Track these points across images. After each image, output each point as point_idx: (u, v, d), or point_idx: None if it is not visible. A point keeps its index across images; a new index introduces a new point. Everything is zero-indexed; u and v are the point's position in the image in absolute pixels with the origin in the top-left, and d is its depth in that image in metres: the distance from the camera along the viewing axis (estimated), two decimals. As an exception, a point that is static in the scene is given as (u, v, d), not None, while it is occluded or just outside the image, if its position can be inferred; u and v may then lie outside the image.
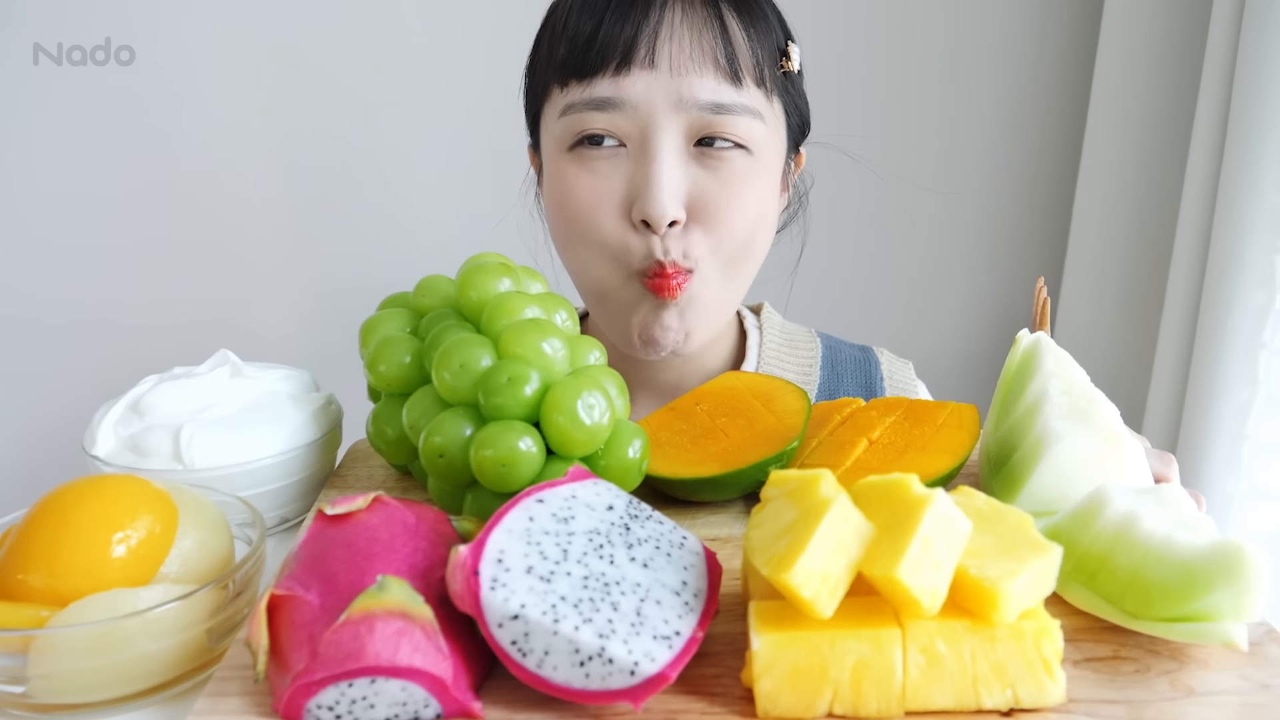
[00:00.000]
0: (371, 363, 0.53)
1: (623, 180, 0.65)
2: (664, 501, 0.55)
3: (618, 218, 0.65)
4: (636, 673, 0.34)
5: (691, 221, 0.65)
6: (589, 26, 0.64)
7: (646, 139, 0.64)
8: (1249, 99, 0.97)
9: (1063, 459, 0.47)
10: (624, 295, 0.68)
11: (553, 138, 0.68)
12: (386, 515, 0.40)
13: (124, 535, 0.42)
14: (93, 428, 0.56)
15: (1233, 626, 0.36)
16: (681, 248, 0.65)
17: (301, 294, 1.40)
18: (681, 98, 0.63)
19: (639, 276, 0.67)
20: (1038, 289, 0.59)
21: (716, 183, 0.65)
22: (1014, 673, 0.35)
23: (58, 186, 1.30)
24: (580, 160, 0.66)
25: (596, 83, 0.64)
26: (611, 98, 0.64)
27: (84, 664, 0.39)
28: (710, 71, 0.63)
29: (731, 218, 0.66)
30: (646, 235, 0.65)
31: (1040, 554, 0.36)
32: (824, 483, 0.37)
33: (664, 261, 0.65)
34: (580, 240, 0.67)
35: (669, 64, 0.63)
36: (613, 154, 0.65)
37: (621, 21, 0.63)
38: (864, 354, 0.86)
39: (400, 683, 0.34)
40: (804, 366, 0.82)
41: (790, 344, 0.83)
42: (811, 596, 0.34)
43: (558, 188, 0.68)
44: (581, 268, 0.69)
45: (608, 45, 0.63)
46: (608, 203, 0.65)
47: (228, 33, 1.28)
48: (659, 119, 0.64)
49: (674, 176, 0.64)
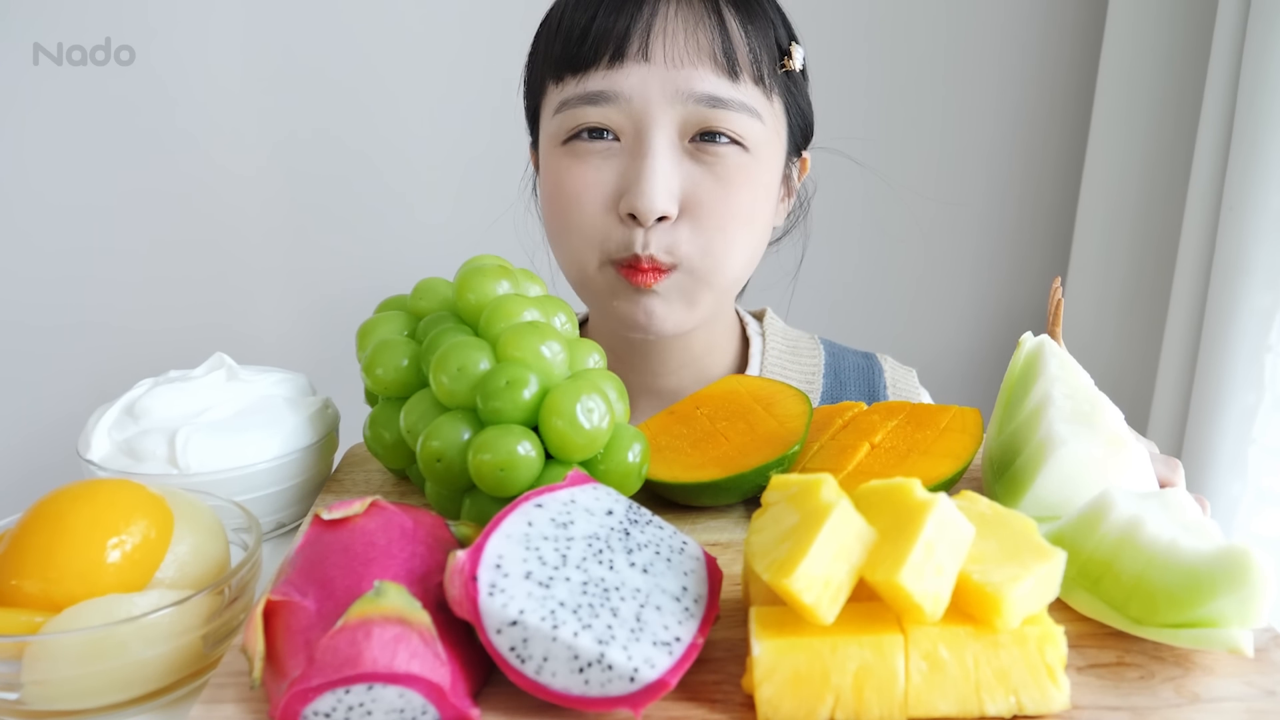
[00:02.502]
0: (369, 366, 0.52)
1: (614, 173, 0.65)
2: (664, 506, 0.54)
3: (602, 208, 0.66)
4: (636, 679, 0.34)
5: (682, 217, 0.65)
6: (583, 20, 0.64)
7: (640, 132, 0.64)
8: (1254, 101, 0.97)
9: (1067, 463, 0.47)
10: (601, 281, 0.68)
11: (548, 133, 0.68)
12: (384, 520, 0.40)
13: (119, 540, 0.42)
14: (87, 432, 0.56)
15: (1238, 632, 0.36)
16: (666, 243, 0.65)
17: (298, 296, 1.40)
18: (677, 90, 0.63)
19: (613, 265, 0.67)
20: (1053, 289, 0.59)
21: (711, 179, 0.65)
22: (1017, 679, 0.34)
23: (56, 187, 1.30)
24: (574, 154, 0.66)
25: (590, 76, 0.64)
26: (605, 90, 0.64)
27: (78, 670, 0.38)
28: (707, 65, 0.63)
29: (724, 216, 0.65)
30: (630, 227, 0.65)
31: (1044, 559, 0.35)
32: (825, 487, 0.37)
33: (641, 255, 0.65)
34: (564, 228, 0.68)
35: (663, 56, 0.63)
36: (606, 148, 0.65)
37: (615, 15, 0.63)
38: (867, 361, 0.85)
39: (398, 689, 0.34)
40: (807, 374, 0.82)
41: (793, 351, 0.83)
42: (813, 602, 0.33)
43: (551, 181, 0.68)
44: (564, 255, 0.70)
45: (601, 38, 0.63)
46: (594, 192, 0.66)
47: (226, 34, 1.28)
48: (653, 112, 0.64)
49: (667, 171, 0.64)
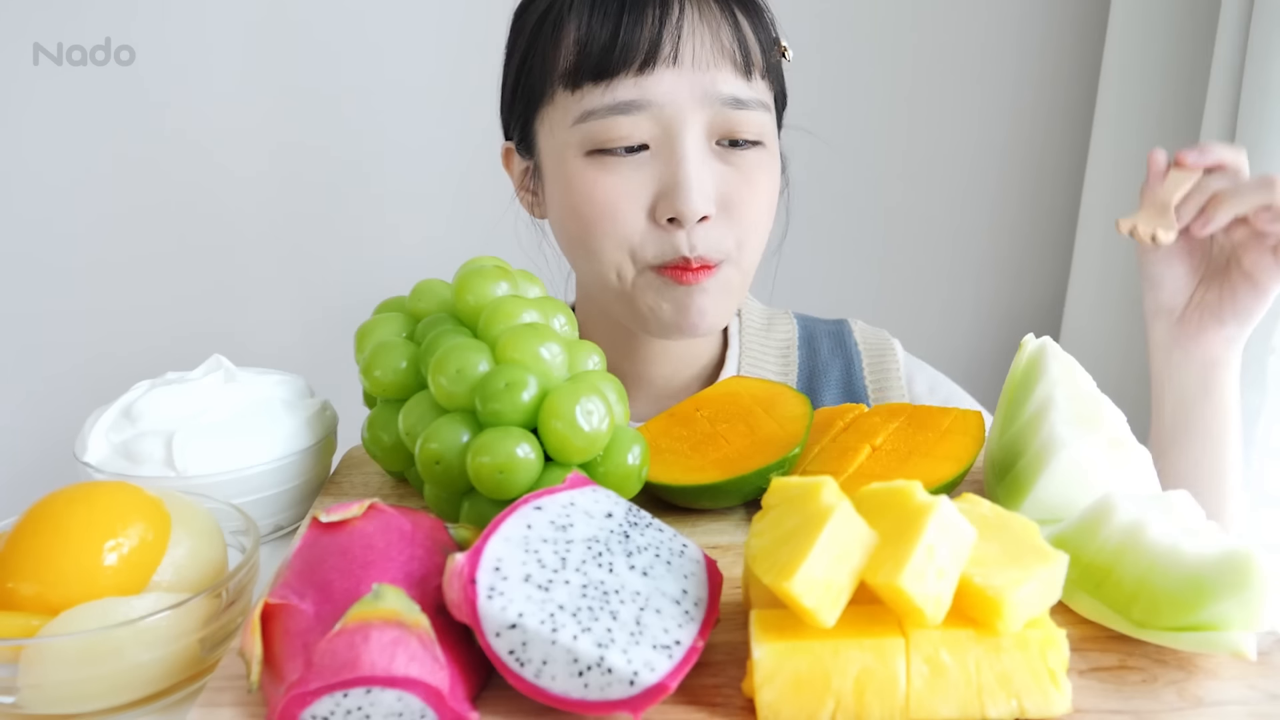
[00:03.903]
0: (367, 368, 0.52)
1: (647, 180, 0.65)
2: (664, 509, 0.54)
3: (640, 215, 0.65)
4: (636, 683, 0.33)
5: (718, 214, 0.66)
6: (606, 29, 0.63)
7: (672, 137, 0.64)
8: (1257, 102, 0.97)
9: (1068, 466, 0.47)
10: (642, 285, 0.68)
11: (564, 143, 0.66)
12: (382, 523, 0.40)
13: (116, 543, 0.42)
14: (84, 434, 0.56)
15: (1241, 636, 0.36)
16: (711, 241, 0.66)
17: (296, 298, 1.39)
18: (705, 92, 0.64)
19: (654, 269, 0.67)
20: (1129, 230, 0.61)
21: (739, 177, 0.66)
22: (1019, 683, 0.34)
23: (55, 187, 1.30)
24: (602, 165, 0.65)
25: (618, 85, 0.63)
26: (636, 100, 0.63)
27: (75, 674, 0.38)
28: (728, 66, 0.64)
29: (755, 210, 0.67)
30: (669, 232, 0.65)
31: (1046, 562, 0.35)
32: (826, 490, 0.37)
33: (690, 257, 0.65)
34: (595, 239, 0.67)
35: (692, 59, 0.63)
36: (635, 155, 0.65)
37: (640, 21, 0.62)
38: (838, 326, 0.87)
39: (396, 693, 0.34)
40: (782, 347, 0.84)
41: (768, 327, 0.85)
42: (814, 605, 0.33)
43: (576, 191, 0.66)
44: (594, 266, 0.69)
45: (630, 46, 0.62)
46: (628, 201, 0.65)
47: (227, 35, 1.28)
48: (684, 116, 0.64)
49: (702, 174, 0.64)
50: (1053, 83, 1.32)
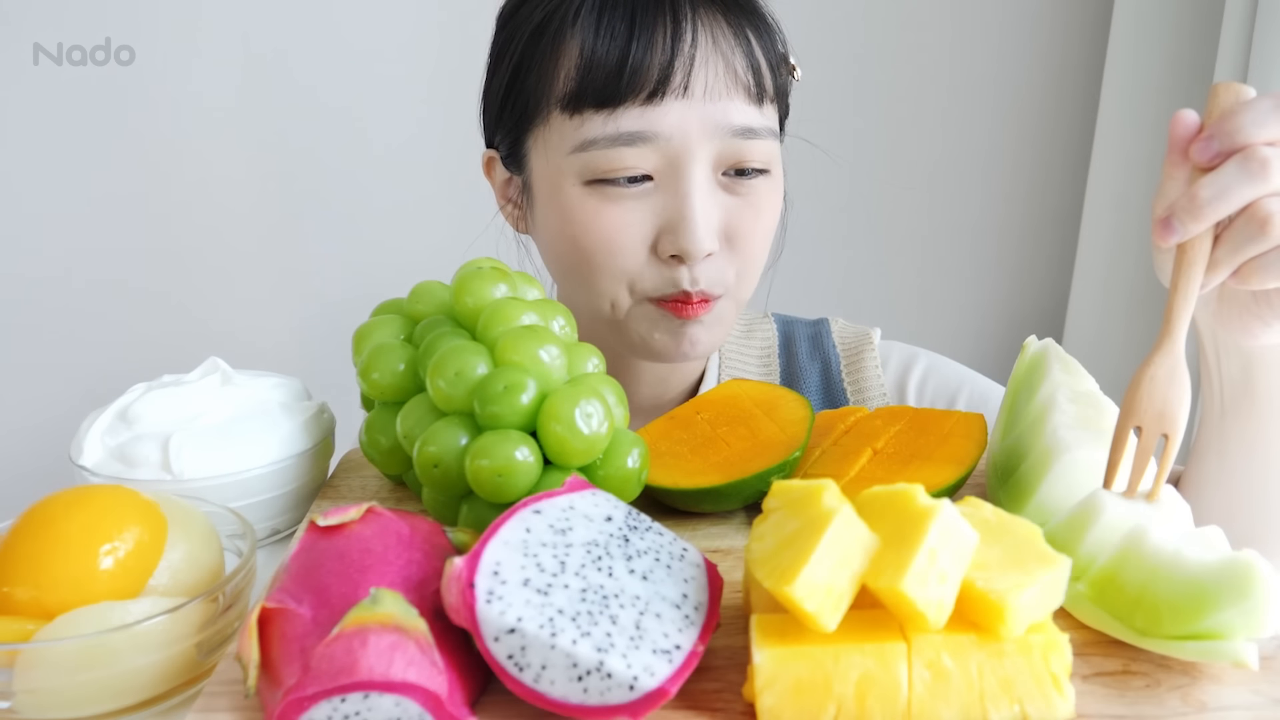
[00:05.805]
0: (365, 370, 0.52)
1: (649, 213, 0.62)
2: (664, 512, 0.54)
3: (641, 249, 0.63)
4: (635, 687, 0.33)
5: (722, 248, 0.64)
6: (613, 52, 0.59)
7: (677, 170, 0.61)
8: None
9: (1072, 469, 0.46)
10: (637, 315, 0.67)
11: (561, 169, 0.63)
12: (380, 526, 0.40)
13: (111, 547, 0.42)
14: (79, 437, 0.55)
15: (1243, 646, 0.36)
16: (713, 276, 0.64)
17: (293, 300, 1.39)
18: (716, 125, 0.61)
19: (652, 300, 0.65)
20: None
21: (745, 208, 0.64)
22: (1022, 688, 0.34)
23: (54, 187, 1.30)
24: (603, 196, 0.62)
25: (622, 115, 0.60)
26: (641, 131, 0.60)
27: (71, 679, 0.38)
28: (740, 95, 0.61)
29: (757, 242, 0.66)
30: (671, 267, 0.63)
31: (1049, 566, 0.35)
32: (827, 493, 0.36)
33: (691, 292, 0.64)
34: (591, 270, 0.65)
35: (704, 90, 0.60)
36: (638, 185, 0.62)
37: (650, 45, 0.58)
38: (816, 328, 0.85)
39: (394, 698, 0.34)
40: (763, 352, 0.83)
41: (747, 333, 0.84)
42: (815, 610, 0.33)
43: (575, 221, 0.64)
44: (587, 295, 0.67)
45: (638, 72, 0.59)
46: (629, 234, 0.63)
47: (226, 35, 1.28)
48: (692, 149, 0.61)
49: (708, 209, 0.62)
50: (1056, 84, 1.32)
